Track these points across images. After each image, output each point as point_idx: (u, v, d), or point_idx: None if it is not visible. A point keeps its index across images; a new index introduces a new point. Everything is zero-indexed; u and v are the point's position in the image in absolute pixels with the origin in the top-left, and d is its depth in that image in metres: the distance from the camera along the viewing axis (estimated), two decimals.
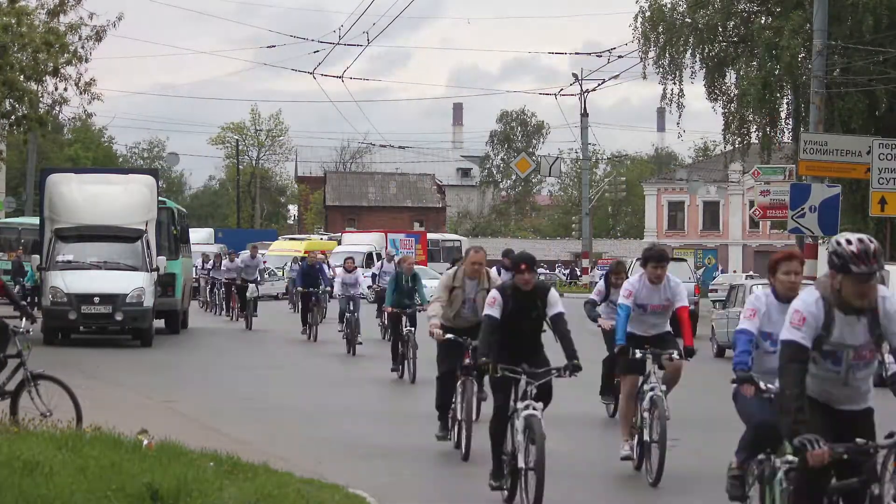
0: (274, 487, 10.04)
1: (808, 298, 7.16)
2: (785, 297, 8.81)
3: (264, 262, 39.76)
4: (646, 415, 12.48)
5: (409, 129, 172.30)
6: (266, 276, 53.24)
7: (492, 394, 11.34)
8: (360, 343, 26.60)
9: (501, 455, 10.99)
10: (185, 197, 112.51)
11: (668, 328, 13.34)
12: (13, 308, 15.04)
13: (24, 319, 14.32)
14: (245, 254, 36.77)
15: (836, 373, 7.26)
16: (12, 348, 14.16)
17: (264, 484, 10.12)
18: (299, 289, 31.06)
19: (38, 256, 28.24)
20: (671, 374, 13.13)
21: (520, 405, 10.68)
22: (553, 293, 11.24)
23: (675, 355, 12.88)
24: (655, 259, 13.02)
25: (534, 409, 10.58)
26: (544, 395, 10.85)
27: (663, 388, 12.63)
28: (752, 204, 55.38)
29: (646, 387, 12.67)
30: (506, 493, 10.92)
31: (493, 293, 11.23)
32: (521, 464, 10.50)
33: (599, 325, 16.76)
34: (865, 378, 7.35)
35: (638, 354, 12.68)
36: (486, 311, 11.12)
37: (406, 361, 21.46)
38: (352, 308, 26.91)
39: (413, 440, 15.04)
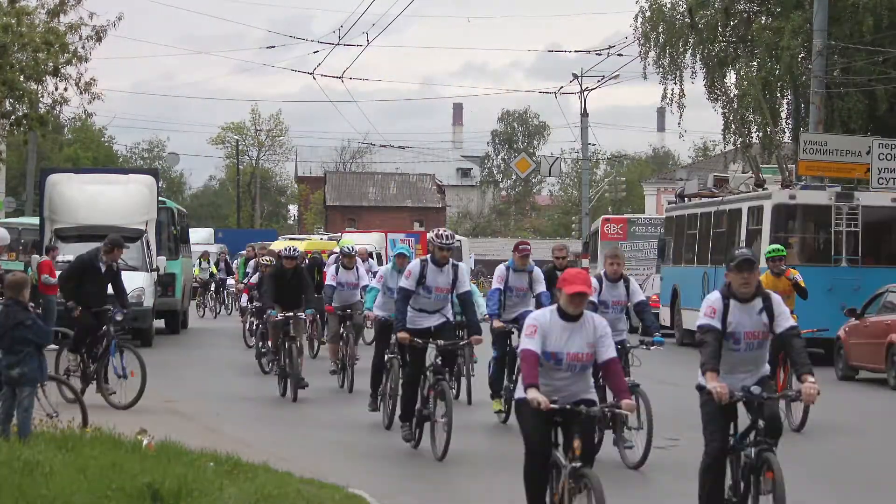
0: (274, 487, 10.04)
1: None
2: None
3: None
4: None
5: (409, 129, 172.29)
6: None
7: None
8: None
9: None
10: (185, 197, 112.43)
11: None
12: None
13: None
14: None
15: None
16: None
17: (264, 484, 10.12)
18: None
19: (37, 256, 28.19)
20: None
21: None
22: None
23: None
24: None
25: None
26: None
27: None
28: None
29: None
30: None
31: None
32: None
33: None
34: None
35: None
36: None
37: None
38: None
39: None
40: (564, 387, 8.89)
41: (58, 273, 21.97)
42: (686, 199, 35.37)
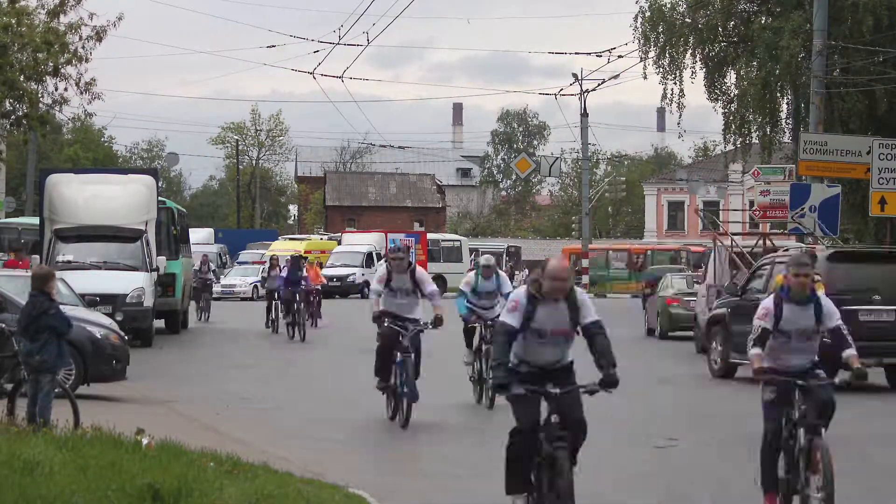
0: (274, 487, 10.04)
1: None
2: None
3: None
4: None
5: (409, 129, 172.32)
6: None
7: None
8: None
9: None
10: (185, 197, 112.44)
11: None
12: None
13: None
14: None
15: None
16: (8, 349, 14.19)
17: (264, 484, 10.12)
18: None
19: (37, 256, 28.17)
20: None
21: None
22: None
23: None
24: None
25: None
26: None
27: None
28: (752, 204, 55.40)
29: None
30: None
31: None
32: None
33: None
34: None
35: None
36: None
37: None
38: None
39: (413, 440, 15.06)
40: None
41: None
42: None
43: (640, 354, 27.35)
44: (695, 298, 30.78)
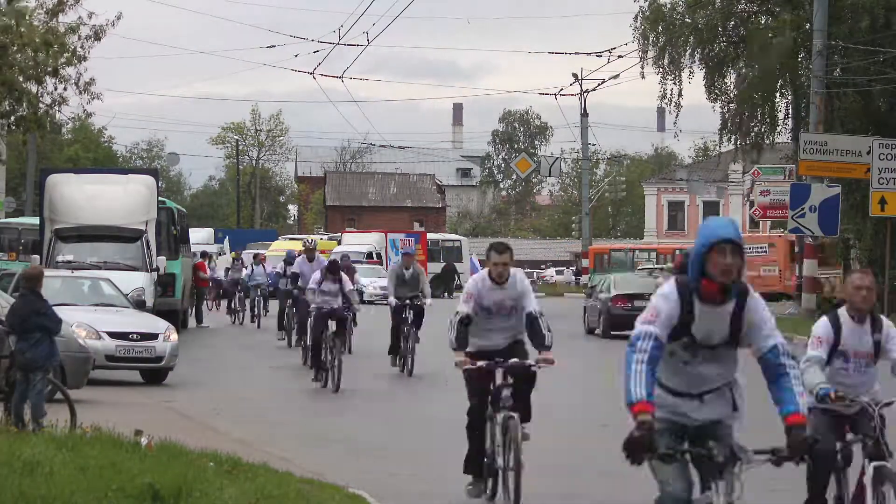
0: (274, 487, 10.04)
1: None
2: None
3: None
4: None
5: (409, 129, 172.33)
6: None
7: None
8: None
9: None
10: (185, 197, 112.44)
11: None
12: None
13: None
14: None
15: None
16: (5, 349, 14.18)
17: (264, 484, 10.11)
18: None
19: (37, 256, 28.15)
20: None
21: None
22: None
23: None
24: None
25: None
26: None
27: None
28: (752, 204, 55.44)
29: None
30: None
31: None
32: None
33: None
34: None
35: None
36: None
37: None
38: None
39: (413, 440, 15.06)
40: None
41: None
42: None
43: None
44: None
